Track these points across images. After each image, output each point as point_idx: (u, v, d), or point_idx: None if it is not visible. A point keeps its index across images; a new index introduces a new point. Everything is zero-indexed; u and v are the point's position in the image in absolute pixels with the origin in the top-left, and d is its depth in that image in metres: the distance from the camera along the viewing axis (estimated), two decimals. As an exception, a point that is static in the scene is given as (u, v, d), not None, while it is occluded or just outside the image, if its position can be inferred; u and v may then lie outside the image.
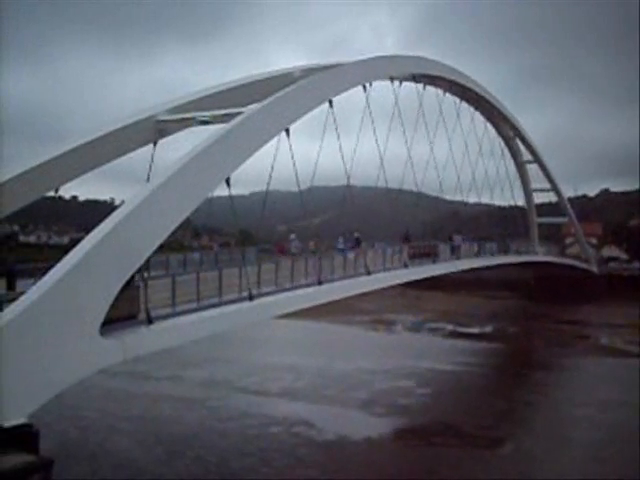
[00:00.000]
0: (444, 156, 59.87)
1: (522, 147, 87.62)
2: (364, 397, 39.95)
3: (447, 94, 59.77)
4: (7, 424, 17.12)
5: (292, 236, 39.55)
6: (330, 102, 34.04)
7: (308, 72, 35.23)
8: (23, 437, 17.35)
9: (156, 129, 31.10)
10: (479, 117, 71.83)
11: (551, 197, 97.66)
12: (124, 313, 21.71)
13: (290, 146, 30.84)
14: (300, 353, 53.97)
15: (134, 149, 31.09)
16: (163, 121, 31.18)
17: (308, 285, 32.58)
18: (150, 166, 30.90)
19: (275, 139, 29.80)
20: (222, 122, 28.19)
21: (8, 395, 17.28)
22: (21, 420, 17.53)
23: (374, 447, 31.39)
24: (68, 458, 26.93)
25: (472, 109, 68.74)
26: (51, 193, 29.56)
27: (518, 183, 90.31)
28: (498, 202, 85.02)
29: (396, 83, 46.12)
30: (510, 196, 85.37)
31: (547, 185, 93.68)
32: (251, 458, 28.88)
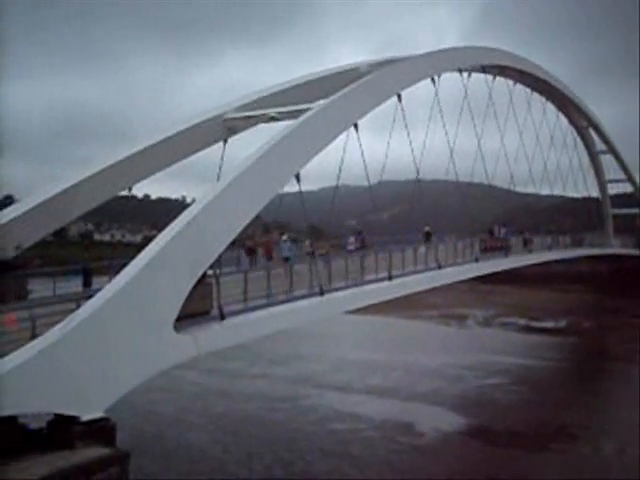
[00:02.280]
0: (515, 148, 59.08)
1: (596, 137, 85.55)
2: (457, 393, 38.88)
3: (517, 84, 58.88)
4: (85, 418, 17.55)
5: (284, 237, 34.69)
6: (399, 96, 33.85)
7: (375, 66, 35.12)
8: (100, 431, 17.76)
9: (225, 127, 31.47)
10: (550, 107, 70.55)
11: (627, 188, 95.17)
12: (197, 309, 21.98)
13: (359, 141, 30.80)
14: (378, 349, 53.21)
15: (204, 147, 31.52)
16: (232, 119, 31.52)
17: (379, 280, 32.45)
18: (220, 164, 31.30)
19: (343, 134, 29.84)
20: (290, 118, 28.33)
21: (86, 389, 17.72)
22: (98, 414, 17.95)
23: (480, 454, 29.10)
24: (145, 453, 27.24)
25: (543, 99, 67.55)
26: (124, 192, 30.18)
27: (592, 174, 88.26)
28: (571, 194, 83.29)
29: (465, 75, 45.60)
30: (584, 187, 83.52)
31: (622, 176, 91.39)
32: (339, 461, 27.75)
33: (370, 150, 32.70)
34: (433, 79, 38.84)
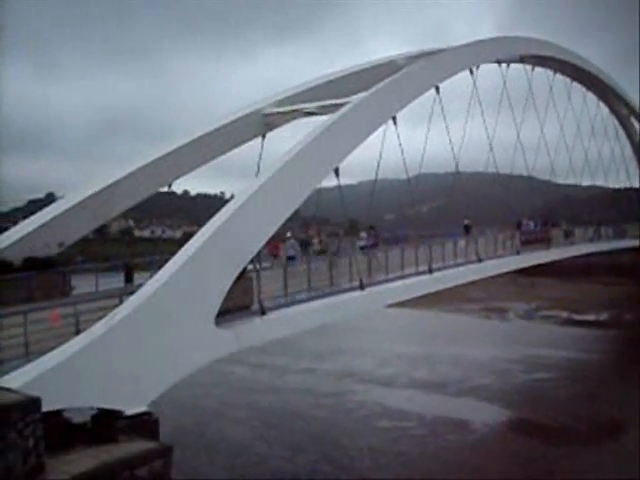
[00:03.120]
0: (555, 138, 58.39)
1: (638, 126, 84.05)
2: (508, 389, 38.18)
3: (557, 74, 58.13)
4: (128, 412, 17.74)
5: (288, 233, 32.89)
6: (437, 88, 33.65)
7: (412, 59, 34.92)
8: (144, 425, 17.94)
9: (264, 122, 31.54)
10: (591, 97, 69.52)
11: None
12: (238, 304, 22.09)
13: (398, 134, 30.69)
14: (421, 342, 52.99)
15: (243, 143, 31.61)
16: (270, 114, 31.56)
17: (419, 273, 32.31)
18: (259, 159, 31.38)
19: (381, 127, 29.73)
20: (328, 113, 28.30)
21: (129, 384, 17.91)
22: (142, 408, 18.13)
23: (534, 452, 27.92)
24: (188, 447, 27.44)
25: (584, 89, 66.59)
26: (164, 189, 30.39)
27: (634, 164, 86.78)
28: (613, 184, 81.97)
29: (503, 65, 45.16)
30: (626, 178, 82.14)
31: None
32: (386, 458, 27.27)
33: (408, 143, 32.59)
34: (471, 70, 38.55)
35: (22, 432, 13.62)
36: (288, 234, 32.50)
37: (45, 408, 14.37)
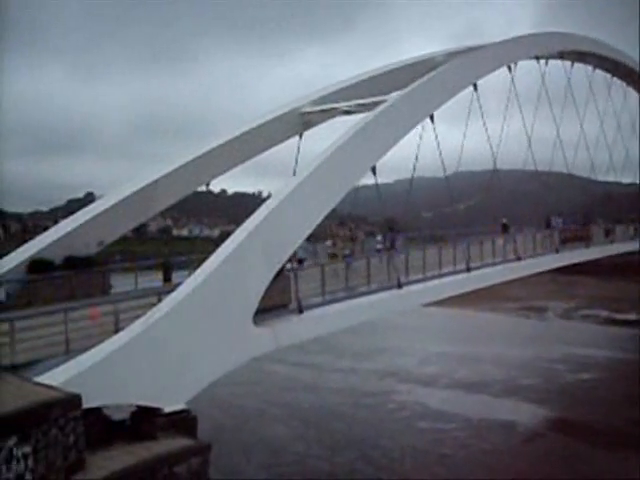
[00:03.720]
0: (595, 135, 57.59)
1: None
2: (553, 388, 37.63)
3: (597, 70, 57.30)
4: (167, 409, 17.87)
5: None
6: (474, 85, 33.39)
7: (450, 56, 34.71)
8: (182, 422, 18.06)
9: (301, 121, 31.57)
10: (632, 93, 68.42)
11: None
12: (276, 302, 22.16)
13: (435, 132, 30.54)
14: (461, 341, 52.82)
15: (280, 142, 31.69)
16: (307, 113, 31.58)
17: (456, 272, 32.10)
18: (296, 158, 31.40)
19: (418, 125, 29.60)
20: (366, 111, 28.25)
21: (168, 382, 18.03)
22: (180, 406, 18.24)
23: (583, 455, 27.31)
24: (227, 445, 27.52)
25: (624, 84, 65.56)
26: (202, 188, 30.57)
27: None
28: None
29: (542, 62, 44.63)
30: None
31: None
32: (427, 459, 27.01)
33: (445, 141, 32.40)
34: (509, 67, 38.17)
35: (63, 428, 13.78)
36: None
37: (85, 405, 14.53)
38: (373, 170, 25.88)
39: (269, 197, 24.58)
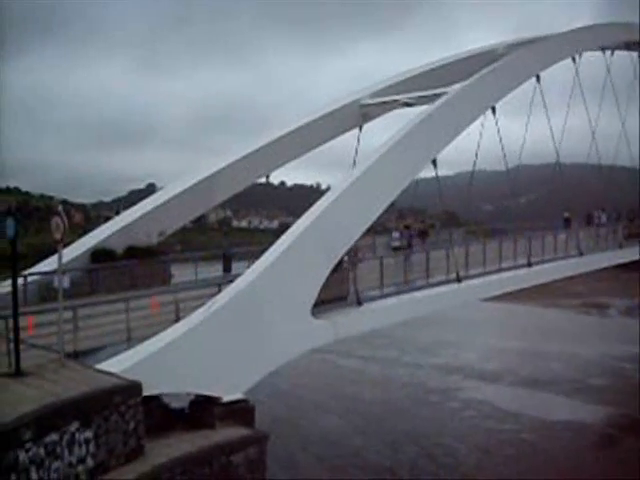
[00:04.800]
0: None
1: None
2: (627, 390, 35.87)
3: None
4: (225, 399, 18.02)
5: None
6: (537, 77, 32.84)
7: (512, 47, 34.21)
8: (240, 412, 18.19)
9: (361, 113, 31.48)
10: None
11: None
12: (334, 295, 22.15)
13: (497, 124, 30.16)
14: (523, 337, 51.80)
15: (340, 134, 31.66)
16: (367, 105, 31.47)
17: (517, 267, 31.65)
18: (356, 150, 31.34)
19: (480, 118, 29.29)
20: (426, 103, 28.02)
21: (227, 371, 18.17)
22: (238, 395, 18.38)
23: None
24: (287, 435, 27.56)
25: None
26: (262, 179, 30.77)
27: None
28: None
29: (607, 53, 43.65)
30: None
31: None
32: (492, 460, 26.36)
33: (506, 133, 31.97)
34: (574, 58, 37.43)
35: (123, 415, 14.00)
36: None
37: (145, 393, 14.73)
38: (434, 163, 25.69)
39: (328, 189, 24.53)
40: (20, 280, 20.36)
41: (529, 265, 31.98)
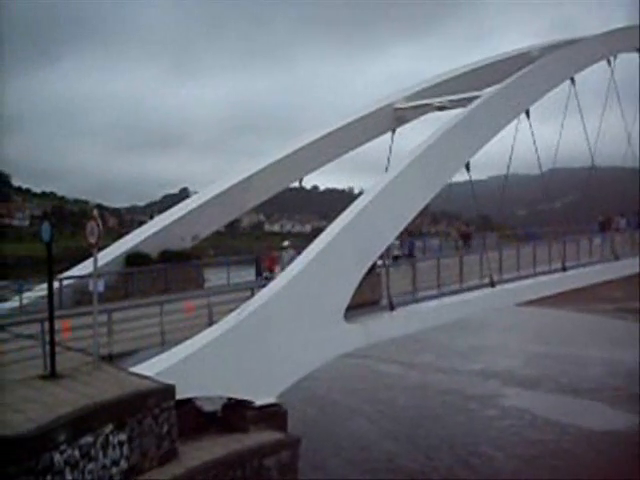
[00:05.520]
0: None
1: None
2: None
3: None
4: (258, 403, 18.05)
5: (285, 243, 27.56)
6: (572, 80, 32.54)
7: (547, 50, 33.94)
8: (272, 416, 18.21)
9: (394, 117, 31.43)
10: None
11: None
12: (367, 299, 22.11)
13: (531, 128, 29.95)
14: (560, 342, 51.02)
15: (373, 138, 31.65)
16: (401, 109, 31.42)
17: (552, 271, 31.36)
18: (389, 154, 31.29)
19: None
20: (459, 107, 27.92)
21: (259, 375, 18.21)
22: (271, 399, 18.41)
23: None
24: (319, 440, 27.48)
25: None
26: (294, 184, 30.84)
27: None
28: None
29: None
30: None
31: None
32: (537, 473, 25.19)
33: (539, 136, 31.71)
34: (609, 60, 37.02)
35: (157, 418, 14.10)
36: (285, 243, 27.52)
37: (178, 396, 14.82)
38: (467, 167, 25.56)
39: (361, 194, 24.52)
40: (55, 284, 20.57)
41: (564, 269, 31.67)
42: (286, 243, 27.14)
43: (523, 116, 29.26)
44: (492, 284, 27.12)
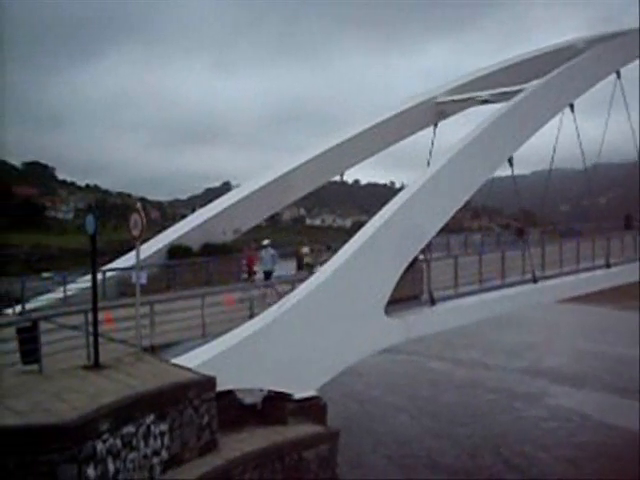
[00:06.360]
0: None
1: None
2: None
3: None
4: (298, 396, 18.12)
5: (265, 241, 26.17)
6: (618, 73, 32.00)
7: (592, 42, 33.39)
8: (312, 409, 18.27)
9: (436, 111, 31.20)
10: None
11: None
12: (407, 294, 22.04)
13: (575, 122, 29.55)
14: (602, 339, 50.32)
15: (414, 132, 31.46)
16: (443, 103, 31.19)
17: (595, 268, 30.94)
18: (431, 148, 31.12)
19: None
20: (502, 101, 27.61)
21: (299, 369, 18.26)
22: (311, 393, 18.45)
23: None
24: (358, 434, 27.45)
25: None
26: (335, 178, 30.82)
27: None
28: None
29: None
30: None
31: None
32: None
33: (583, 131, 31.26)
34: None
35: (197, 409, 14.22)
36: (265, 241, 26.23)
37: (219, 388, 14.92)
38: (510, 161, 25.32)
39: (402, 188, 24.44)
40: (99, 275, 20.83)
41: (607, 266, 31.24)
42: (266, 242, 26.02)
43: (567, 110, 28.97)
44: (534, 280, 26.87)
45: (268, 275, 24.92)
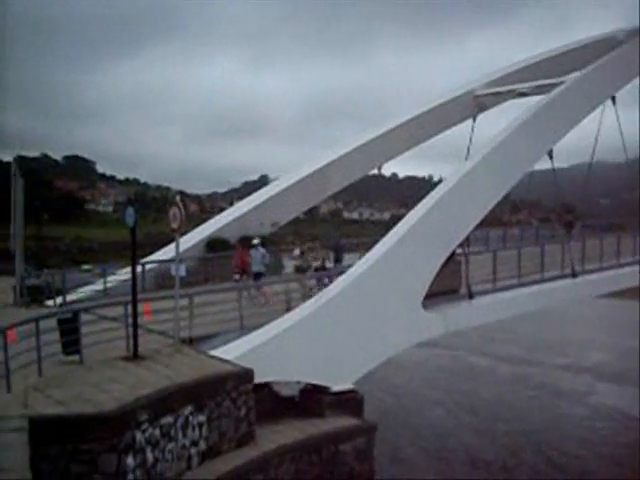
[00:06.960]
0: None
1: None
2: None
3: None
4: (335, 388, 18.16)
5: (255, 240, 24.77)
6: (660, 65, 31.42)
7: (633, 33, 32.82)
8: (349, 402, 18.31)
9: (475, 104, 30.94)
10: None
11: None
12: (445, 287, 21.94)
13: (617, 114, 29.10)
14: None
15: (453, 125, 31.23)
16: (482, 95, 30.93)
17: (635, 262, 30.48)
18: (470, 141, 30.86)
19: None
20: (542, 93, 27.30)
21: (336, 361, 18.30)
22: (348, 386, 18.49)
23: None
24: (395, 428, 27.28)
25: None
26: (373, 171, 30.76)
27: None
28: None
29: None
30: None
31: None
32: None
33: (625, 123, 30.79)
34: None
35: (235, 401, 14.34)
36: (255, 240, 24.85)
37: (257, 380, 15.02)
38: (550, 154, 25.06)
39: (441, 181, 24.31)
40: (138, 268, 21.05)
41: (649, 260, 30.76)
42: (256, 241, 24.63)
43: (608, 102, 28.58)
44: (574, 275, 26.59)
45: (258, 276, 23.60)
